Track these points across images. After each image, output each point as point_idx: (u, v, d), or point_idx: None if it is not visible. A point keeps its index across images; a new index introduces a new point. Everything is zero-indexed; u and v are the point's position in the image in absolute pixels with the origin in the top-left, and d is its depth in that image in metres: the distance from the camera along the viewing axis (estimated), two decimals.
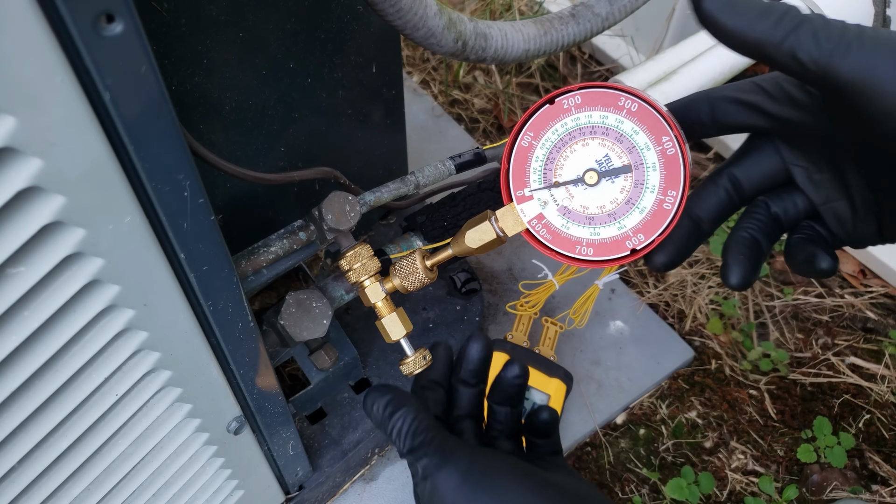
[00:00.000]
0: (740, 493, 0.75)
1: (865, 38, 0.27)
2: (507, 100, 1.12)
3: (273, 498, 0.62)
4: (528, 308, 0.76)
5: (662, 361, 0.83)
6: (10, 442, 0.33)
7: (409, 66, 1.18)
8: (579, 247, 0.34)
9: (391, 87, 0.66)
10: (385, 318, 0.43)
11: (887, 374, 0.83)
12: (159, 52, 0.44)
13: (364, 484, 0.71)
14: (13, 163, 0.25)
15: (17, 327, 0.29)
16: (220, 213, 0.56)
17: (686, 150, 0.33)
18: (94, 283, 0.31)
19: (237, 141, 0.55)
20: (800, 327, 0.89)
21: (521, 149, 0.35)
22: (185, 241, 0.33)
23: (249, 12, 0.48)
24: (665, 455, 0.78)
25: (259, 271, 0.49)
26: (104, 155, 0.27)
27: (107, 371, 0.35)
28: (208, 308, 0.37)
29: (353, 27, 0.57)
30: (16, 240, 0.26)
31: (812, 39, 0.27)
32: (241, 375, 0.44)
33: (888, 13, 0.67)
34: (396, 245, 0.59)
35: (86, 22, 0.23)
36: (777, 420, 0.81)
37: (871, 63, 0.26)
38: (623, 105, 0.34)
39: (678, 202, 0.33)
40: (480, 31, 0.51)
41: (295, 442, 0.57)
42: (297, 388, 0.65)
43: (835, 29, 0.27)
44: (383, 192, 0.54)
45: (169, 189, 0.30)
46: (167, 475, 0.46)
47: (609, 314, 0.86)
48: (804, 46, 0.27)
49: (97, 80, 0.24)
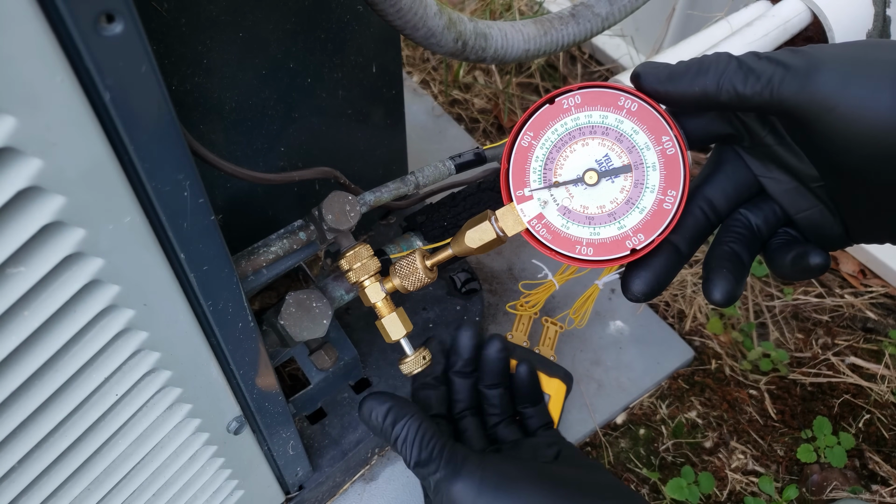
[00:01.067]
0: (740, 493, 0.75)
1: (797, 60, 0.28)
2: (507, 100, 1.12)
3: (273, 498, 0.62)
4: (528, 308, 0.76)
5: (662, 361, 0.83)
6: (10, 442, 0.33)
7: (409, 66, 1.18)
8: (579, 247, 0.34)
9: (391, 87, 0.66)
10: (385, 318, 0.43)
11: (887, 374, 0.83)
12: (159, 52, 0.44)
13: (364, 484, 0.71)
14: (13, 163, 0.25)
15: (17, 327, 0.29)
16: (220, 213, 0.56)
17: (686, 150, 0.33)
18: (94, 283, 0.31)
19: (237, 141, 0.55)
20: (800, 327, 0.89)
21: (521, 149, 0.35)
22: (185, 241, 0.33)
23: (249, 12, 0.48)
24: (665, 455, 0.78)
25: (259, 271, 0.49)
26: (104, 155, 0.27)
27: (107, 371, 0.35)
28: (208, 308, 0.37)
29: (353, 27, 0.57)
30: (16, 240, 0.26)
31: (747, 74, 0.29)
32: (241, 375, 0.44)
33: (888, 13, 0.67)
34: (396, 245, 0.59)
35: (86, 22, 0.23)
36: (777, 420, 0.81)
37: (808, 84, 0.27)
38: (623, 105, 0.34)
39: (678, 202, 0.33)
40: (480, 31, 0.51)
41: (295, 442, 0.57)
42: (297, 388, 0.65)
43: (766, 60, 0.29)
44: (383, 192, 0.54)
45: (169, 189, 0.30)
46: (167, 475, 0.46)
47: (609, 314, 0.86)
48: (742, 82, 0.29)
49: (97, 80, 0.24)
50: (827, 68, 0.27)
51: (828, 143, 0.28)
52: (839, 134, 0.27)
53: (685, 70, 0.31)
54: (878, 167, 0.27)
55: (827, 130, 0.27)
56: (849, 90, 0.26)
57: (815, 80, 0.27)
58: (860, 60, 0.27)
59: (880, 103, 0.26)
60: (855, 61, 0.27)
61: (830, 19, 0.65)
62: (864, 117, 0.26)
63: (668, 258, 0.34)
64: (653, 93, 0.32)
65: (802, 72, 0.28)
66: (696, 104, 0.31)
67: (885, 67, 0.26)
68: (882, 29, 0.67)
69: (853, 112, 0.26)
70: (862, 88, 0.26)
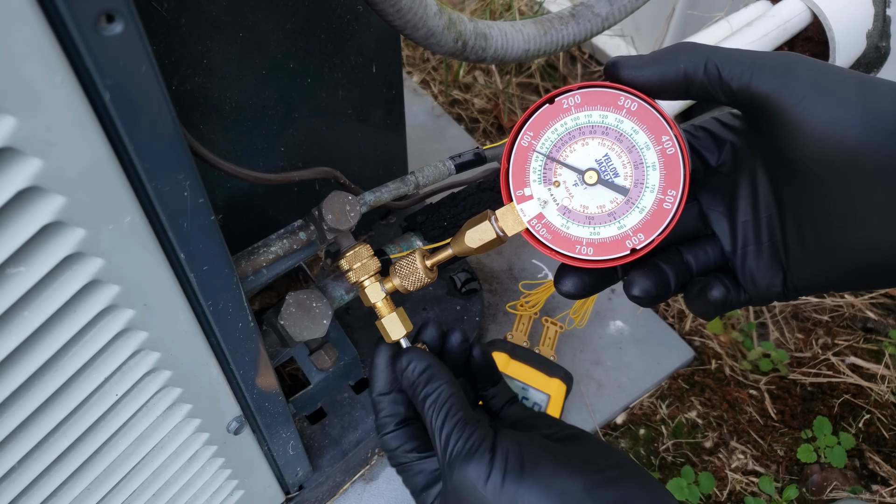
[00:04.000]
0: (740, 493, 0.75)
1: (771, 57, 0.31)
2: (507, 100, 1.12)
3: (273, 498, 0.62)
4: (528, 308, 0.76)
5: (662, 361, 0.83)
6: (10, 442, 0.33)
7: (409, 66, 1.18)
8: (579, 246, 0.34)
9: (391, 87, 0.66)
10: (385, 318, 0.43)
11: (887, 374, 0.83)
12: (159, 52, 0.44)
13: (364, 484, 0.71)
14: (13, 163, 0.25)
15: (17, 327, 0.29)
16: (220, 213, 0.56)
17: (686, 150, 0.33)
18: (94, 283, 0.31)
19: (237, 141, 0.55)
20: (800, 327, 0.89)
21: (521, 148, 0.35)
22: (185, 241, 0.33)
23: (249, 12, 0.48)
24: (665, 455, 0.78)
25: (259, 271, 0.49)
26: (104, 155, 0.27)
27: (107, 371, 0.35)
28: (208, 308, 0.37)
29: (353, 27, 0.57)
30: (16, 240, 0.26)
31: (731, 59, 0.31)
32: (241, 375, 0.44)
33: (888, 13, 0.67)
34: (396, 245, 0.59)
35: (86, 22, 0.23)
36: (777, 420, 0.81)
37: (782, 77, 0.30)
38: (623, 104, 0.34)
39: (678, 201, 0.33)
40: (480, 31, 0.51)
41: (295, 442, 0.57)
42: (297, 388, 0.65)
43: (747, 52, 0.31)
44: (383, 192, 0.54)
45: (169, 189, 0.30)
46: (167, 475, 0.46)
47: (609, 314, 0.86)
48: (727, 64, 0.31)
49: (97, 80, 0.24)
50: (803, 65, 0.30)
51: (791, 136, 0.29)
52: (806, 126, 0.29)
53: (663, 54, 0.32)
54: (835, 172, 0.29)
55: (794, 121, 0.29)
56: (819, 88, 0.29)
57: (794, 71, 0.29)
58: (829, 68, 0.30)
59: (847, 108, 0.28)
60: (825, 67, 0.30)
61: (830, 19, 0.65)
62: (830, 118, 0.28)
63: (606, 276, 0.36)
64: (630, 80, 0.33)
65: (780, 62, 0.30)
66: (674, 88, 0.32)
67: (848, 75, 0.29)
68: (882, 29, 0.67)
69: (822, 109, 0.28)
70: (830, 88, 0.29)
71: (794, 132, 0.29)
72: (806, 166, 0.30)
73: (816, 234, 0.32)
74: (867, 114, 0.28)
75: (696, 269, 0.36)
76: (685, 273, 0.36)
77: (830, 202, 0.30)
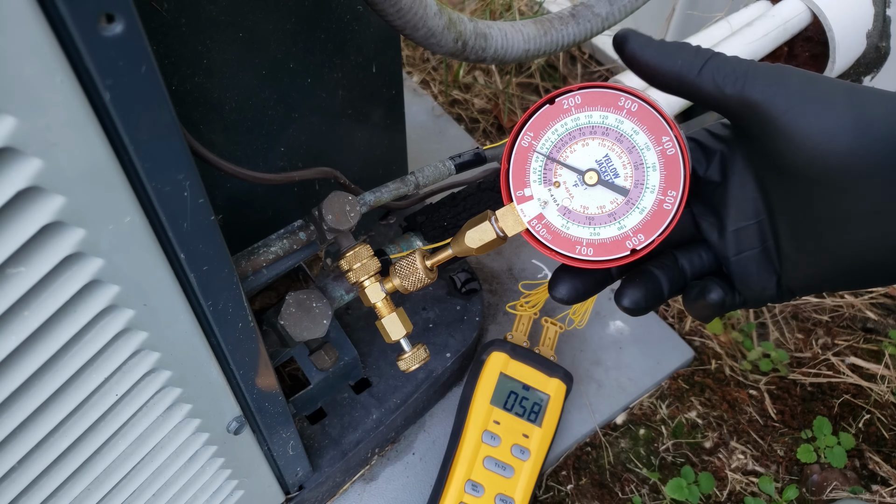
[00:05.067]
0: (740, 493, 0.75)
1: (764, 66, 0.31)
2: (507, 100, 1.12)
3: (273, 498, 0.62)
4: (528, 308, 0.76)
5: (662, 361, 0.83)
6: (10, 442, 0.33)
7: (409, 66, 1.18)
8: (579, 247, 0.34)
9: (391, 87, 0.66)
10: (385, 318, 0.43)
11: (887, 374, 0.83)
12: (159, 52, 0.44)
13: (364, 484, 0.71)
14: (13, 163, 0.25)
15: (17, 327, 0.29)
16: (220, 213, 0.56)
17: (686, 150, 0.33)
18: (94, 284, 0.31)
19: (237, 141, 0.55)
20: (800, 327, 0.89)
21: (521, 149, 0.35)
22: (185, 241, 0.33)
23: (249, 12, 0.48)
24: (665, 455, 0.78)
25: (259, 271, 0.49)
26: (104, 155, 0.27)
27: (107, 371, 0.35)
28: (208, 308, 0.37)
29: (353, 27, 0.57)
30: (16, 240, 0.26)
31: (727, 66, 0.31)
32: (241, 375, 0.44)
33: (888, 13, 0.67)
34: (396, 245, 0.59)
35: (86, 22, 0.23)
36: (777, 420, 0.81)
37: (775, 85, 0.30)
38: (623, 105, 0.34)
39: (678, 202, 0.33)
40: (480, 31, 0.51)
41: (295, 442, 0.57)
42: (297, 388, 0.65)
43: (742, 60, 0.32)
44: (383, 192, 0.54)
45: (169, 189, 0.30)
46: (167, 475, 0.46)
47: (609, 314, 0.86)
48: (722, 70, 0.31)
49: (97, 80, 0.24)
50: (795, 75, 0.30)
51: (783, 142, 0.30)
52: (798, 133, 0.29)
53: (667, 46, 0.33)
54: (826, 177, 0.29)
55: (786, 128, 0.30)
56: (811, 96, 0.30)
57: (786, 80, 0.30)
58: (820, 78, 0.30)
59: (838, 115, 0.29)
60: (816, 77, 0.30)
61: (830, 19, 0.65)
62: (821, 125, 0.29)
63: (603, 279, 0.37)
64: (631, 55, 0.33)
65: (773, 72, 0.31)
66: (666, 81, 0.33)
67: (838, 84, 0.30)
68: (882, 29, 0.67)
69: (813, 117, 0.29)
70: (821, 96, 0.29)
71: (786, 139, 0.30)
72: (798, 171, 0.30)
73: (809, 236, 0.32)
74: (857, 120, 0.29)
75: (691, 274, 0.37)
76: (679, 278, 0.36)
77: (822, 206, 0.30)
